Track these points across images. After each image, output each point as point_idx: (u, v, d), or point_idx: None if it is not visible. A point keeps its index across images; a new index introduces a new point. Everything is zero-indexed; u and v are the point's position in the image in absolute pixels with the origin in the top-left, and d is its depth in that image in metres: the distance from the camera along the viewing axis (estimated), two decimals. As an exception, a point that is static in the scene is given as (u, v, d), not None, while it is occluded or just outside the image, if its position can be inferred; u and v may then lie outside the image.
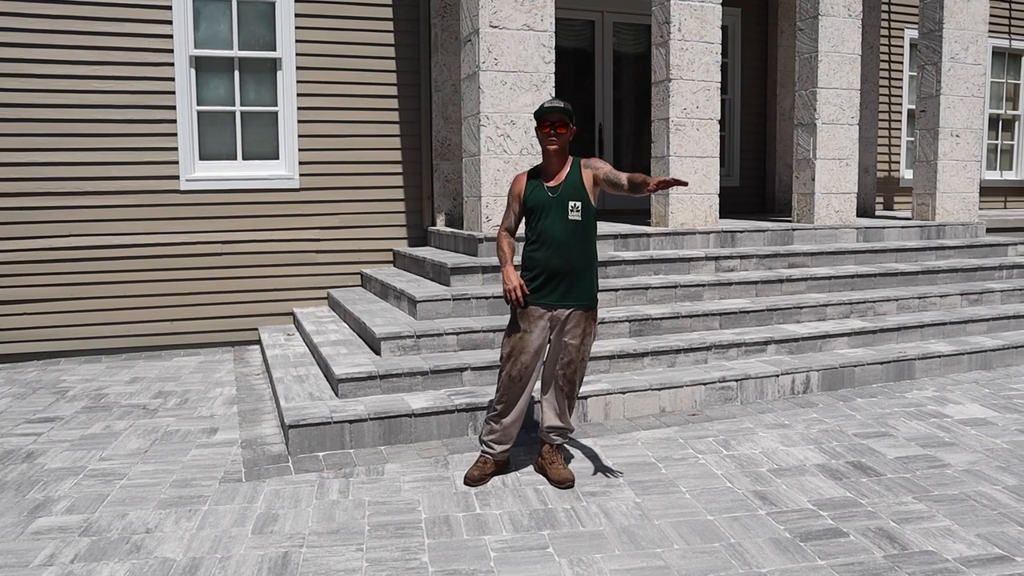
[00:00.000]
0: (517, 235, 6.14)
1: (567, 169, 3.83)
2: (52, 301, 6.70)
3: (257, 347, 7.25)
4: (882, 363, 5.70)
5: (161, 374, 6.28)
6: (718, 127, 6.95)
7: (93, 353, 6.86)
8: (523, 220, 4.01)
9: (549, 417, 3.97)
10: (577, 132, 9.25)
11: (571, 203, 3.76)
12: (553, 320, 3.82)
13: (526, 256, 3.85)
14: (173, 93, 6.85)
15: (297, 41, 7.17)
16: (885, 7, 10.59)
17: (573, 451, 4.38)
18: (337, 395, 4.76)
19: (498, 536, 3.35)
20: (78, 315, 6.76)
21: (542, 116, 3.75)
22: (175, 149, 6.90)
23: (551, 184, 3.80)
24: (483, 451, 3.99)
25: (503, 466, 4.05)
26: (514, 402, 3.89)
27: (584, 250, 3.79)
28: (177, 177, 6.92)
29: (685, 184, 3.25)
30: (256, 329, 7.24)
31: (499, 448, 3.96)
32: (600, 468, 4.11)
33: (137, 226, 6.85)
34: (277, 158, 7.30)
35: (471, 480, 3.90)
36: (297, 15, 7.15)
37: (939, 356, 5.91)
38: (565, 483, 3.84)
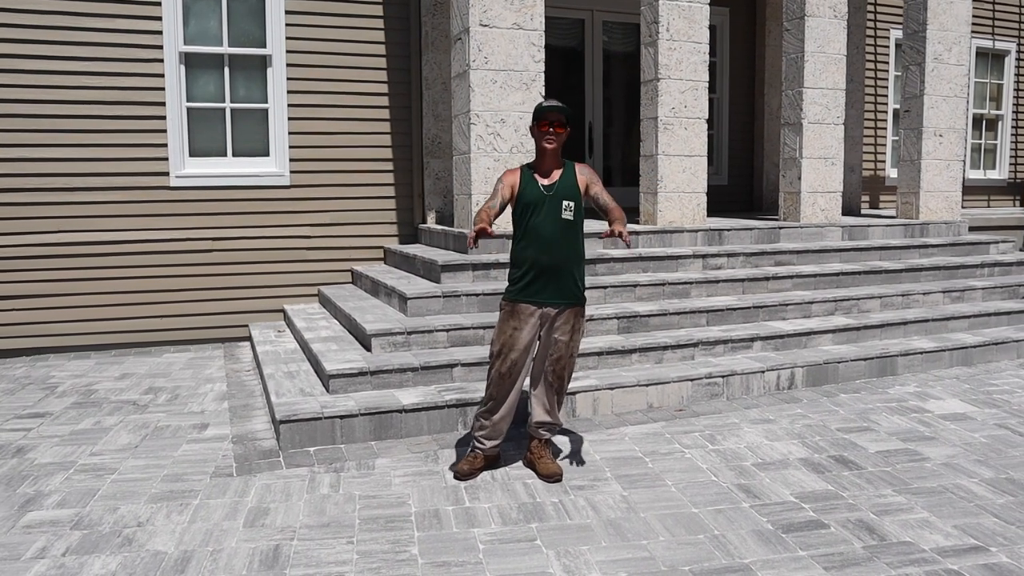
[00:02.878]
0: (503, 233, 6.19)
1: (561, 169, 3.91)
2: (41, 297, 6.71)
3: (247, 344, 7.27)
4: (865, 359, 5.79)
5: (151, 370, 6.30)
6: (706, 126, 7.02)
7: (82, 349, 6.87)
8: (509, 214, 4.07)
9: (538, 413, 4.02)
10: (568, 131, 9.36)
11: (565, 202, 3.82)
12: (543, 317, 3.87)
13: (515, 253, 3.91)
14: (163, 90, 6.86)
15: (287, 38, 7.19)
16: (871, 8, 10.69)
17: (561, 446, 4.44)
18: (328, 391, 4.80)
19: (487, 529, 3.41)
20: (67, 311, 6.77)
21: (542, 115, 3.81)
22: (165, 146, 6.91)
23: (545, 182, 3.87)
24: (473, 446, 4.05)
25: (493, 461, 4.11)
26: (504, 398, 3.94)
27: (574, 249, 3.85)
28: (167, 174, 6.94)
29: (626, 241, 3.64)
30: (247, 326, 7.26)
31: (489, 444, 4.02)
32: (588, 463, 4.17)
33: (127, 222, 6.86)
34: (267, 155, 7.32)
35: (461, 474, 3.95)
36: (287, 12, 7.17)
37: (921, 353, 6.01)
38: (554, 477, 3.90)
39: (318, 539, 3.33)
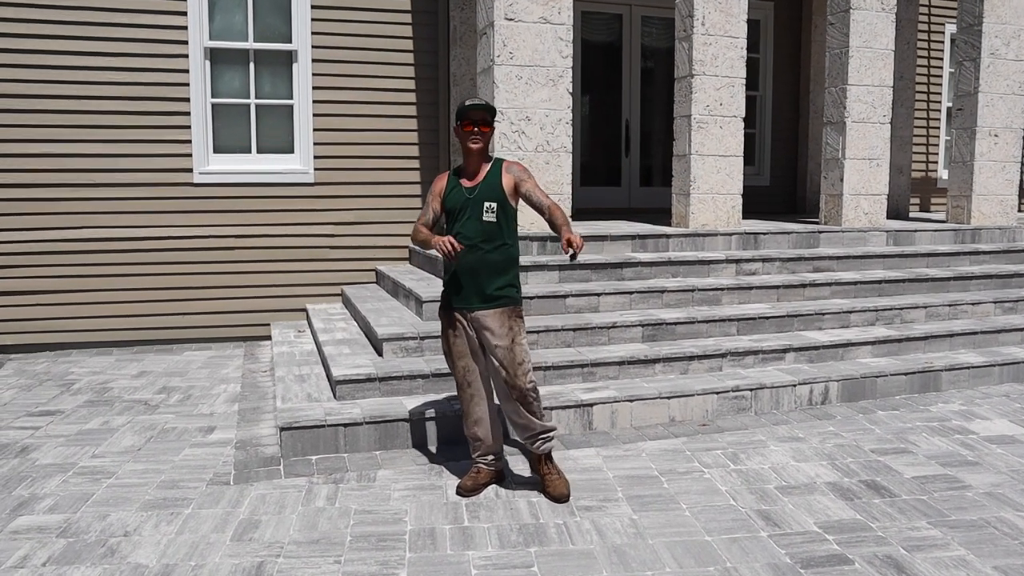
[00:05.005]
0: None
1: (486, 169, 3.72)
2: (65, 293, 6.71)
3: (269, 343, 7.19)
4: (906, 374, 5.44)
5: (169, 368, 6.25)
6: (742, 125, 6.70)
7: (105, 345, 6.85)
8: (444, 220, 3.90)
9: (519, 428, 3.76)
10: (603, 129, 9.11)
11: (487, 204, 3.64)
12: (474, 323, 3.68)
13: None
14: (187, 85, 6.80)
15: (313, 33, 7.08)
16: (924, 1, 10.20)
17: (572, 462, 4.21)
18: (335, 397, 4.66)
19: (483, 552, 3.21)
20: (90, 307, 6.76)
21: (464, 114, 3.63)
22: (189, 142, 6.85)
23: (469, 184, 3.70)
24: (475, 462, 3.86)
25: (498, 476, 3.91)
26: (476, 410, 3.78)
27: (500, 252, 3.67)
28: (191, 170, 6.88)
29: (575, 251, 3.42)
30: (269, 325, 7.18)
31: (487, 459, 3.82)
32: (599, 480, 3.94)
33: (150, 219, 6.83)
34: (292, 152, 7.22)
35: (464, 490, 3.76)
36: (313, 6, 7.05)
37: (968, 367, 5.63)
38: (563, 498, 3.66)
39: (304, 557, 3.17)
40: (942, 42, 10.35)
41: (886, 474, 4.03)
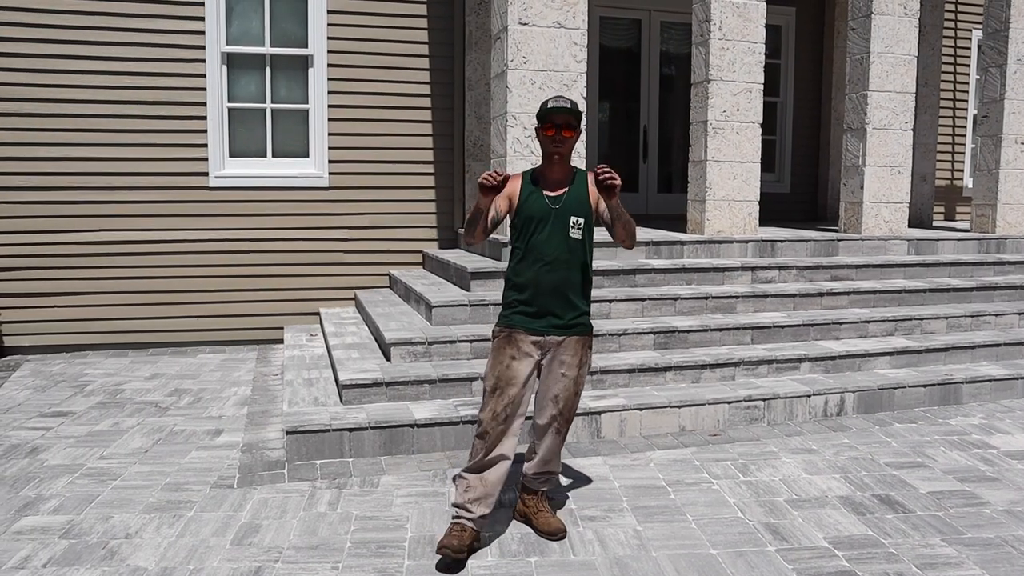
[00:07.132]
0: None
1: (571, 180, 3.35)
2: (81, 295, 6.76)
3: (282, 346, 7.20)
4: (925, 386, 5.32)
5: (181, 371, 6.27)
6: (759, 131, 6.62)
7: (121, 347, 6.90)
8: (507, 227, 3.60)
9: (539, 463, 3.43)
10: (621, 135, 9.05)
11: (573, 218, 3.27)
12: (544, 347, 3.32)
13: (512, 273, 3.39)
14: (204, 90, 6.84)
15: (329, 38, 7.09)
16: (951, 6, 10.04)
17: (579, 471, 4.16)
18: (342, 401, 4.64)
19: (482, 561, 3.16)
20: (107, 309, 6.81)
21: (546, 116, 3.23)
22: (205, 146, 6.89)
23: (552, 194, 3.30)
24: (457, 516, 3.22)
25: (477, 539, 3.24)
26: (499, 449, 3.25)
27: (580, 271, 3.32)
28: (206, 174, 6.92)
29: (616, 182, 3.11)
30: (282, 328, 7.19)
31: (478, 512, 3.21)
32: (605, 490, 3.88)
33: (166, 222, 6.87)
34: (307, 156, 7.24)
35: (451, 550, 3.09)
36: (329, 11, 7.07)
37: (990, 380, 5.50)
38: (557, 535, 3.33)
39: (303, 562, 3.14)
40: (968, 48, 10.18)
41: (901, 489, 3.93)
